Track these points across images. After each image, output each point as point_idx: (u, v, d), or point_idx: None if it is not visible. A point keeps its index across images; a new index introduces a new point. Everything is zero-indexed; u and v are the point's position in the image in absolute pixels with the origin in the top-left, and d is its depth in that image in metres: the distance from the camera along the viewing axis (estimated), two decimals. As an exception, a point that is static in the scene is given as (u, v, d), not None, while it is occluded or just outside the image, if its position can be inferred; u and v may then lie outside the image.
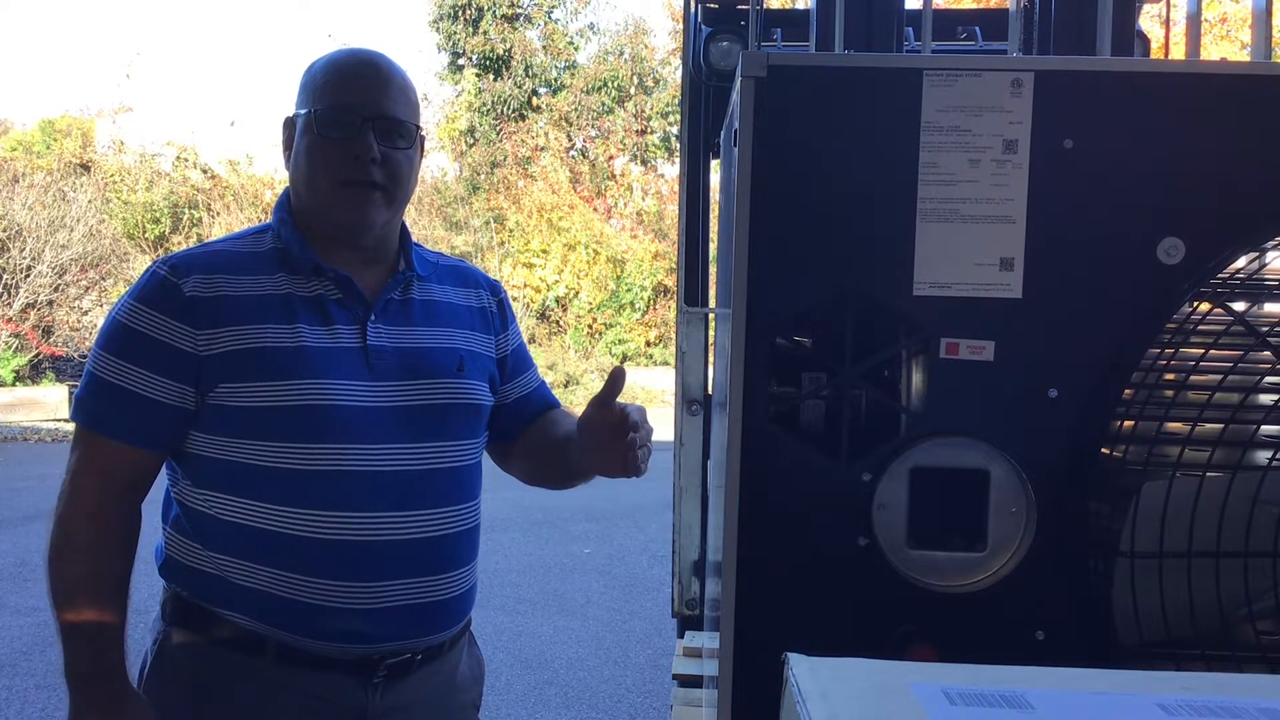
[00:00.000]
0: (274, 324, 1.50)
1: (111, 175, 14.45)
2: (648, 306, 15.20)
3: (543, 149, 16.59)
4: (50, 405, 12.30)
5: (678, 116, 4.26)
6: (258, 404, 1.47)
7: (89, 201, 13.70)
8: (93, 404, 1.52)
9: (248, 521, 1.49)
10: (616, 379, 1.54)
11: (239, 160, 15.04)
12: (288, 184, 1.65)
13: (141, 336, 1.49)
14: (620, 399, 1.61)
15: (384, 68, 1.59)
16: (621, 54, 17.65)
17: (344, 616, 1.48)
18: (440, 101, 17.58)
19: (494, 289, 1.81)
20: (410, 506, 1.53)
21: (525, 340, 1.90)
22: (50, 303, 13.24)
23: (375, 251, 1.61)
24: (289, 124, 1.61)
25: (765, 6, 2.42)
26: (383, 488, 1.51)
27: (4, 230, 12.96)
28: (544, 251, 15.22)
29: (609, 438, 1.54)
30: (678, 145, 3.01)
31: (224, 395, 1.48)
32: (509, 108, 17.05)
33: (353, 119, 1.53)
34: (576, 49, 18.03)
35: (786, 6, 7.08)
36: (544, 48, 17.67)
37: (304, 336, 1.51)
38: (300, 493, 1.48)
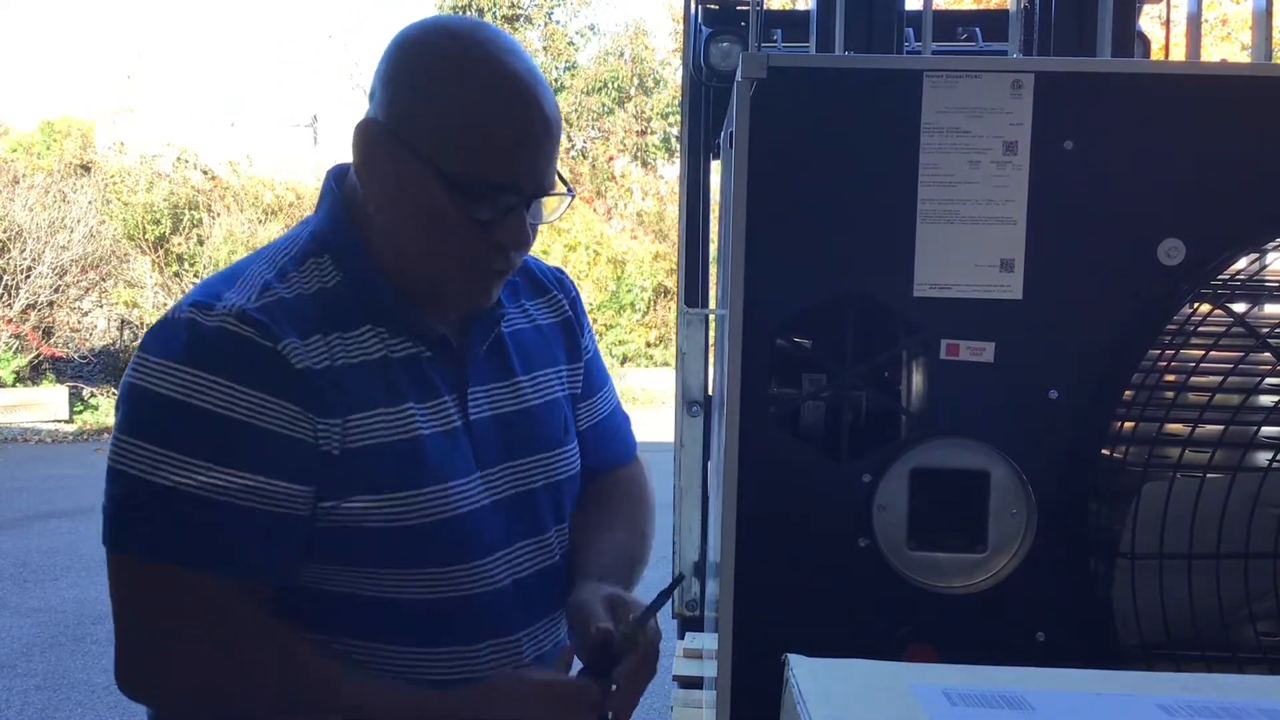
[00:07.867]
0: (383, 407, 1.15)
1: (112, 176, 14.43)
2: (648, 307, 15.19)
3: (543, 150, 16.59)
4: (50, 406, 12.30)
5: (678, 117, 4.26)
6: (376, 524, 1.13)
7: (89, 202, 13.69)
8: (174, 533, 1.08)
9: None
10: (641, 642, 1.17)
11: (239, 161, 15.04)
12: (339, 193, 1.23)
13: (241, 426, 1.08)
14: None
15: (551, 115, 1.15)
16: (622, 55, 17.64)
17: None
18: (441, 102, 17.57)
19: (563, 284, 1.40)
20: (535, 621, 1.27)
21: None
22: (50, 304, 13.24)
23: None
24: (373, 133, 1.15)
25: (765, 7, 2.42)
26: (507, 607, 1.23)
27: (4, 231, 12.96)
28: (544, 253, 15.22)
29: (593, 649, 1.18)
30: (678, 146, 3.01)
31: (347, 513, 1.13)
32: (509, 108, 17.02)
33: (510, 200, 1.14)
34: (577, 50, 18.03)
35: (787, 7, 7.08)
36: (544, 48, 17.66)
37: (418, 423, 1.16)
38: (435, 627, 1.18)
